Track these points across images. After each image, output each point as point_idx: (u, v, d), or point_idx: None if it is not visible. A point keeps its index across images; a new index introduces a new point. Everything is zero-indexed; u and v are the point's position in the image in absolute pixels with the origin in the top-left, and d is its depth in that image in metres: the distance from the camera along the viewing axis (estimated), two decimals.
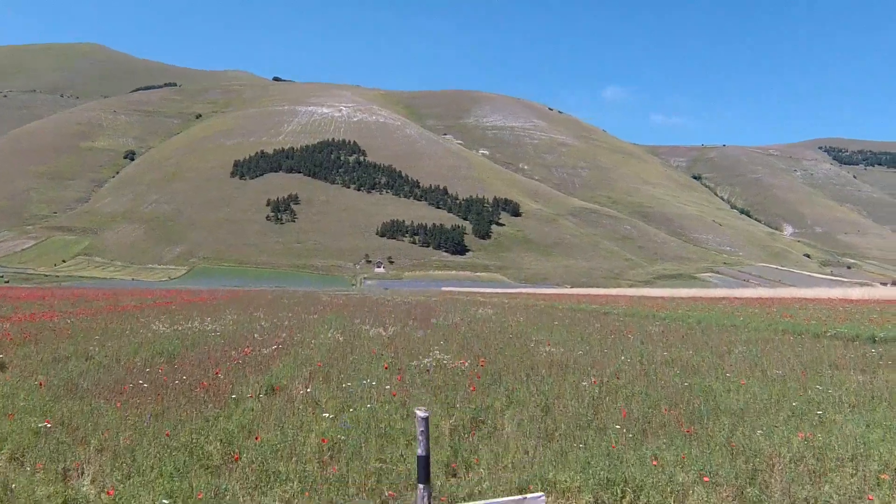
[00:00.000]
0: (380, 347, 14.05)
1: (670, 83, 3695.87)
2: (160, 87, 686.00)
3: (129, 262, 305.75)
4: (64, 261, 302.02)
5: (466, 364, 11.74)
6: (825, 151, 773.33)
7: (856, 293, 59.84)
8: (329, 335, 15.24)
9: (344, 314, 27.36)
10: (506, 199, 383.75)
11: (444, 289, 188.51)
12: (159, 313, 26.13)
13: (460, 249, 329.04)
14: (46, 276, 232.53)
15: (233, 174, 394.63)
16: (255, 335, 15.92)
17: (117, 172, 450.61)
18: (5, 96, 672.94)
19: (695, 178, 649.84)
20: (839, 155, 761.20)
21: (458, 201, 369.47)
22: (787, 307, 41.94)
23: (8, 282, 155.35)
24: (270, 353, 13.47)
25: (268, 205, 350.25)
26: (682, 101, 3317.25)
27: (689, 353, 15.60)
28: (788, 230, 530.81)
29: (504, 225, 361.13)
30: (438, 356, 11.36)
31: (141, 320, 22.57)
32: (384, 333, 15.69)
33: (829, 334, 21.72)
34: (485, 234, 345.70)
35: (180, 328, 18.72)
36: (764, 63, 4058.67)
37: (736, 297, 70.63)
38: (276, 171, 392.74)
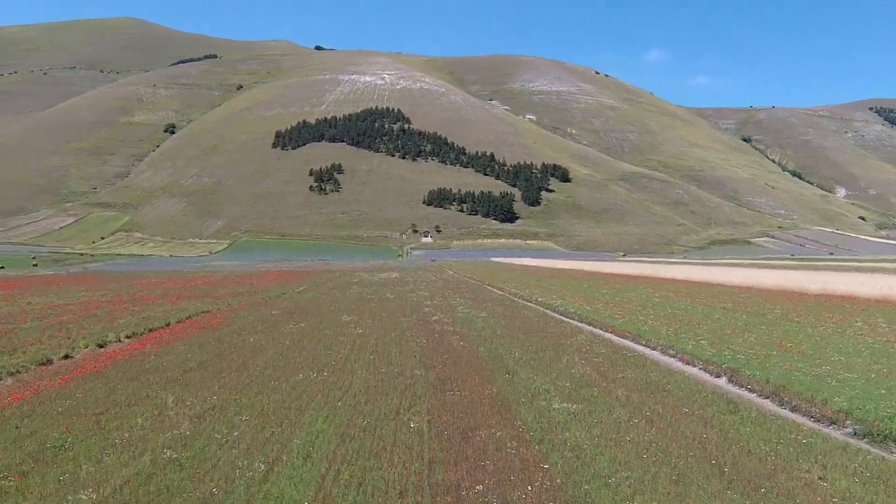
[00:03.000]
0: None
1: (713, 45, 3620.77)
2: (200, 59, 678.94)
3: (169, 236, 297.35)
4: (103, 237, 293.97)
5: None
6: (876, 112, 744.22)
7: None
8: None
9: (334, 393, 14.35)
10: (554, 165, 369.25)
11: (493, 259, 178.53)
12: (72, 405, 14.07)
13: (509, 217, 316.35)
14: (81, 255, 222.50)
15: (274, 145, 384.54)
16: None
17: (157, 146, 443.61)
18: (45, 73, 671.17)
19: (744, 140, 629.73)
20: (890, 116, 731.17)
21: (505, 168, 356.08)
22: None
23: (37, 265, 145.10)
24: None
25: (310, 175, 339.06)
26: (725, 62, 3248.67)
27: None
28: (841, 193, 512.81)
29: (553, 191, 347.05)
30: None
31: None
32: None
33: None
34: (534, 201, 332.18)
35: None
36: (810, 22, 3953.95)
37: (859, 298, 39.40)
38: (318, 141, 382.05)
